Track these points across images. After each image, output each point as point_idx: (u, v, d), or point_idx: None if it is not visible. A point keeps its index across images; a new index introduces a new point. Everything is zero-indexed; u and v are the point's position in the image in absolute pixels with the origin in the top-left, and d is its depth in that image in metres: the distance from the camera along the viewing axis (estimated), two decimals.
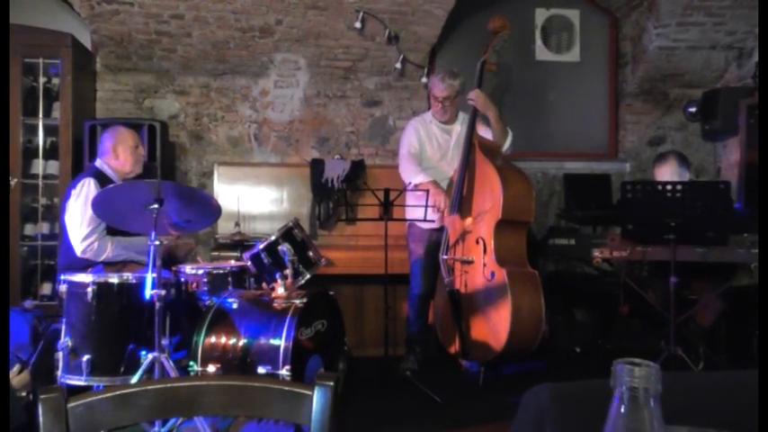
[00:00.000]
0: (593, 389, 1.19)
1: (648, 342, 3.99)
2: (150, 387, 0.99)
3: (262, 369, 2.69)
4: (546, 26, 5.32)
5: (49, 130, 4.45)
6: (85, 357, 2.69)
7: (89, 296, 2.72)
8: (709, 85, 5.19)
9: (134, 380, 2.61)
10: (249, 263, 3.15)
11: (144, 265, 3.14)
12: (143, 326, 2.70)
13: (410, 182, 3.76)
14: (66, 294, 2.80)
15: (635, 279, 3.74)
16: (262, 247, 3.09)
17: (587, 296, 4.59)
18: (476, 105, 3.73)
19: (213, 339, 2.82)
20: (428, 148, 3.95)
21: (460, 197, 3.67)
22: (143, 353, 2.67)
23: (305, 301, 2.86)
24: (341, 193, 4.51)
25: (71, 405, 0.93)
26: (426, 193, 3.52)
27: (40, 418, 0.92)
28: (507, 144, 3.86)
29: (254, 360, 2.74)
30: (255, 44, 4.73)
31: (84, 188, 3.21)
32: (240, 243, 3.84)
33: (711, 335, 3.80)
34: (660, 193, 3.40)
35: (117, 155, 3.39)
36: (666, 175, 3.72)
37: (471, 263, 3.60)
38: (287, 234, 3.13)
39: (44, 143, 4.44)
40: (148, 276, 2.63)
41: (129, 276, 2.82)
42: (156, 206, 2.61)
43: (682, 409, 0.92)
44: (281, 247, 3.07)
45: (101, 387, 2.61)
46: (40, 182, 4.43)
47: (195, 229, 3.91)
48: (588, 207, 4.89)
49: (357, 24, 4.50)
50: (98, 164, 3.41)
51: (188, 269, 3.18)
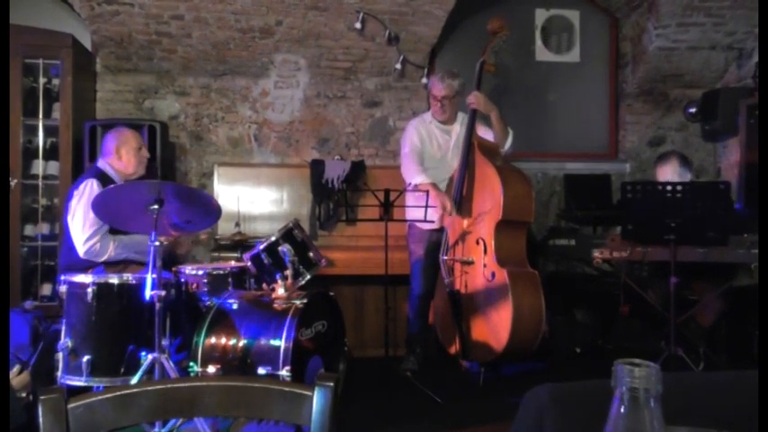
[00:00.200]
0: (593, 389, 1.19)
1: (649, 342, 3.99)
2: (150, 388, 0.99)
3: (262, 370, 2.69)
4: (546, 27, 5.32)
5: (50, 131, 4.45)
6: (85, 358, 2.69)
7: (89, 297, 2.72)
8: (708, 85, 5.19)
9: (134, 380, 2.61)
10: (249, 263, 3.15)
11: (144, 264, 3.14)
12: (143, 326, 2.70)
13: (410, 182, 3.76)
14: (67, 295, 2.80)
15: (635, 279, 3.74)
16: (262, 247, 3.10)
17: (587, 296, 4.59)
18: (477, 107, 3.73)
19: (213, 340, 2.82)
20: (428, 148, 3.95)
21: (460, 198, 3.67)
22: (143, 353, 2.66)
23: (305, 301, 2.86)
24: (341, 193, 4.52)
25: (71, 406, 0.93)
26: (426, 193, 3.52)
27: (40, 419, 0.92)
28: (508, 144, 3.86)
29: (254, 361, 2.74)
30: (255, 45, 4.73)
31: (87, 189, 3.20)
32: (240, 243, 3.84)
33: (712, 335, 3.80)
34: (660, 194, 3.40)
35: (120, 156, 3.38)
36: (668, 175, 3.72)
37: (471, 263, 3.60)
38: (287, 235, 3.13)
39: (44, 144, 4.44)
40: (148, 277, 2.63)
41: (129, 277, 2.82)
42: (157, 207, 2.61)
43: (682, 410, 0.92)
44: (281, 248, 3.07)
45: (101, 388, 2.61)
46: (40, 182, 4.43)
47: (195, 230, 3.91)
48: (588, 207, 4.89)
49: (357, 25, 4.50)
50: (100, 164, 3.41)
51: (188, 270, 3.18)
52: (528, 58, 5.31)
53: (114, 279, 2.80)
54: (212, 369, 2.75)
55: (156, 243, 2.60)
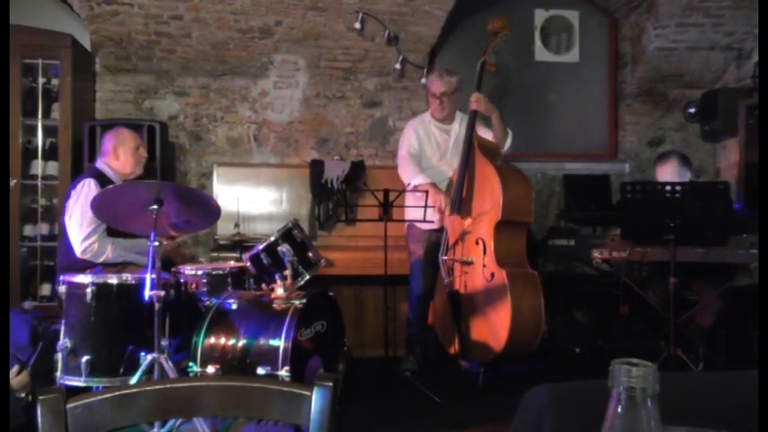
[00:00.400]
0: (592, 389, 1.19)
1: (648, 343, 3.99)
2: (149, 388, 0.99)
3: (261, 370, 2.69)
4: (545, 27, 5.32)
5: (49, 131, 4.45)
6: (85, 358, 2.68)
7: (88, 297, 2.72)
8: (708, 85, 5.19)
9: (133, 381, 2.60)
10: (249, 264, 3.15)
11: (143, 266, 3.14)
12: (142, 327, 2.69)
13: (409, 182, 3.76)
14: (66, 295, 2.80)
15: (635, 279, 3.74)
16: (261, 247, 3.09)
17: (587, 297, 4.59)
18: (479, 109, 3.73)
19: (212, 340, 2.82)
20: (427, 149, 3.96)
21: (460, 198, 3.67)
22: (142, 354, 2.66)
23: (304, 301, 2.86)
24: (340, 193, 4.51)
25: (70, 406, 0.93)
26: (426, 193, 3.52)
27: (39, 419, 0.92)
28: (507, 145, 3.86)
29: (253, 361, 2.74)
30: (255, 45, 4.73)
31: (85, 189, 3.21)
32: (240, 244, 3.84)
33: (711, 335, 3.80)
34: (659, 194, 3.40)
35: (118, 156, 3.38)
36: (668, 175, 3.72)
37: (471, 263, 3.60)
38: (286, 235, 3.12)
39: (43, 144, 4.44)
40: (147, 277, 2.62)
41: (129, 277, 2.82)
42: (156, 207, 2.61)
43: (680, 410, 0.92)
44: (280, 248, 3.07)
45: (100, 388, 2.61)
46: (39, 183, 4.42)
47: (195, 230, 3.91)
48: (588, 208, 4.90)
49: (357, 25, 4.50)
50: (98, 164, 3.41)
51: (187, 270, 3.17)
52: (527, 58, 5.31)
53: (113, 279, 2.80)
54: (211, 369, 2.75)
55: (156, 243, 2.60)
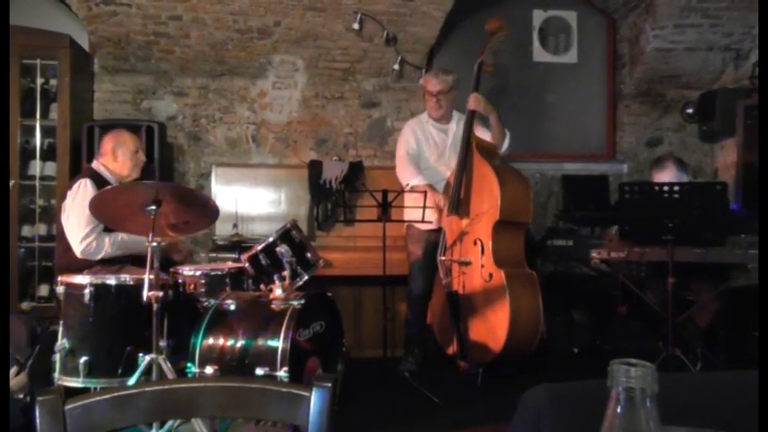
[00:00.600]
0: (591, 389, 1.19)
1: (647, 343, 3.99)
2: (148, 389, 0.99)
3: (260, 370, 2.69)
4: (543, 27, 5.32)
5: (47, 132, 4.45)
6: (83, 359, 2.68)
7: (86, 298, 2.72)
8: (706, 86, 5.20)
9: (131, 381, 2.60)
10: (247, 264, 3.15)
11: (143, 254, 3.14)
12: (140, 327, 2.69)
13: (408, 183, 3.76)
14: (64, 296, 2.80)
15: (633, 280, 3.74)
16: (260, 248, 3.09)
17: (585, 297, 4.59)
18: (477, 109, 3.73)
19: (211, 341, 2.82)
20: (425, 149, 3.96)
21: (458, 198, 3.67)
22: (141, 354, 2.66)
23: (303, 302, 2.86)
24: (339, 194, 4.51)
25: (69, 407, 0.93)
26: (424, 194, 3.52)
27: (38, 420, 0.91)
28: (505, 146, 3.87)
29: (252, 361, 2.73)
30: (253, 45, 4.73)
31: (81, 189, 3.20)
32: (238, 244, 3.83)
33: (709, 335, 3.80)
34: (658, 194, 3.41)
35: (116, 157, 3.38)
36: (664, 178, 3.73)
37: (469, 264, 3.61)
38: (285, 235, 3.12)
39: (41, 144, 4.43)
40: (146, 278, 2.62)
41: (127, 278, 2.82)
42: (154, 208, 2.61)
43: (679, 410, 0.92)
44: (279, 249, 3.07)
45: (98, 389, 2.60)
46: (37, 183, 4.42)
47: (193, 231, 3.90)
48: (586, 208, 4.90)
49: (355, 26, 4.50)
50: (95, 165, 3.40)
51: (186, 271, 3.17)
52: (525, 58, 5.31)
53: (112, 280, 2.80)
54: (210, 370, 2.75)
55: (154, 244, 2.60)
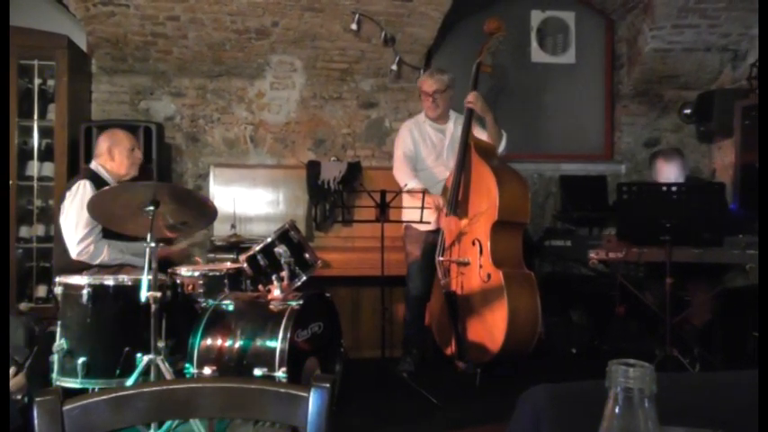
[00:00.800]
0: (589, 390, 1.19)
1: (644, 343, 4.00)
2: (146, 389, 0.99)
3: (258, 371, 2.68)
4: (541, 28, 5.33)
5: (45, 132, 4.44)
6: (81, 360, 2.67)
7: (84, 298, 2.71)
8: (703, 86, 5.21)
9: (130, 382, 2.60)
10: (245, 265, 3.15)
11: (139, 267, 3.14)
12: (139, 328, 2.69)
13: (406, 183, 3.77)
14: (62, 297, 2.79)
15: (631, 280, 3.74)
16: (258, 248, 3.09)
17: (584, 297, 4.60)
18: (474, 108, 3.74)
19: (209, 341, 2.82)
20: (423, 149, 3.96)
21: (456, 198, 3.67)
22: (139, 355, 2.66)
23: (301, 302, 2.86)
24: (337, 194, 4.51)
25: (67, 408, 0.93)
26: (422, 194, 3.53)
27: (36, 421, 0.91)
28: (502, 147, 3.87)
29: (250, 362, 2.73)
30: (251, 46, 4.73)
31: (80, 190, 3.20)
32: (236, 245, 3.83)
33: (707, 336, 3.81)
34: (655, 195, 3.41)
35: (112, 157, 3.38)
36: (671, 173, 3.73)
37: (467, 264, 3.61)
38: (283, 236, 3.12)
39: (39, 145, 4.43)
40: (144, 279, 2.62)
41: (125, 279, 2.81)
42: (152, 208, 2.60)
43: (678, 410, 0.92)
44: (277, 249, 3.07)
45: (96, 390, 2.60)
46: (35, 184, 4.41)
47: (191, 232, 3.90)
48: (584, 208, 4.91)
49: (353, 26, 4.50)
50: (93, 166, 3.40)
51: (184, 271, 3.17)
52: (523, 59, 5.31)
53: (110, 281, 2.79)
54: (208, 370, 2.75)
55: (152, 244, 2.60)
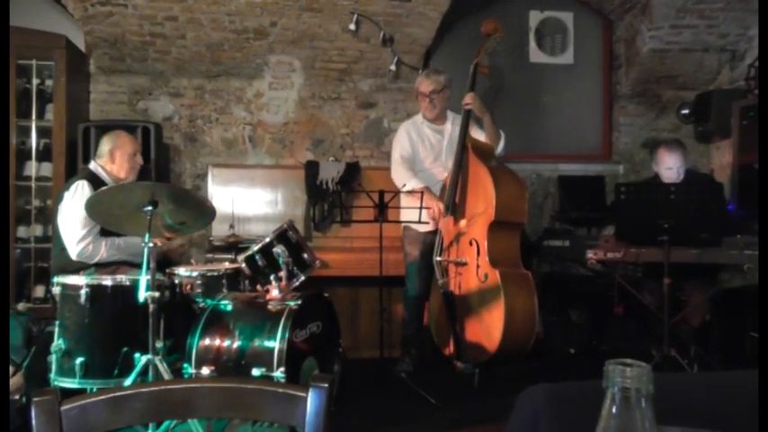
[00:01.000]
0: (587, 390, 1.19)
1: (643, 343, 4.00)
2: (144, 390, 0.99)
3: (256, 371, 2.69)
4: (540, 28, 5.33)
5: (43, 132, 4.44)
6: (79, 360, 2.67)
7: (82, 298, 2.71)
8: (702, 87, 5.21)
9: (128, 382, 2.60)
10: (243, 265, 3.15)
11: (137, 265, 3.14)
12: (137, 328, 2.69)
13: (404, 184, 3.77)
14: (60, 297, 2.79)
15: (629, 280, 3.75)
16: (256, 249, 3.09)
17: (582, 297, 4.60)
18: (472, 108, 3.74)
19: (207, 341, 2.82)
20: (421, 150, 3.96)
21: (454, 199, 3.67)
22: (137, 355, 2.66)
23: (299, 303, 2.86)
24: (335, 194, 4.51)
25: (64, 408, 0.93)
26: (421, 195, 3.53)
27: (34, 421, 0.91)
28: (500, 147, 3.87)
29: (248, 362, 2.73)
30: (250, 46, 4.73)
31: (78, 190, 3.20)
32: (234, 245, 3.83)
33: (704, 336, 3.82)
34: (653, 195, 3.42)
35: (114, 159, 3.38)
36: (673, 161, 3.73)
37: (465, 264, 3.61)
38: (281, 236, 3.12)
39: (37, 145, 4.42)
40: (142, 279, 2.62)
41: (123, 279, 2.81)
42: (151, 208, 2.60)
43: (675, 410, 0.93)
44: (275, 249, 3.07)
45: (94, 390, 2.60)
46: (33, 184, 4.41)
47: (189, 232, 3.90)
48: (582, 209, 4.91)
49: (352, 26, 4.50)
50: (92, 166, 3.40)
51: (182, 271, 3.17)
52: (522, 59, 5.31)
53: (108, 281, 2.79)
54: (206, 371, 2.75)
55: (150, 245, 2.60)
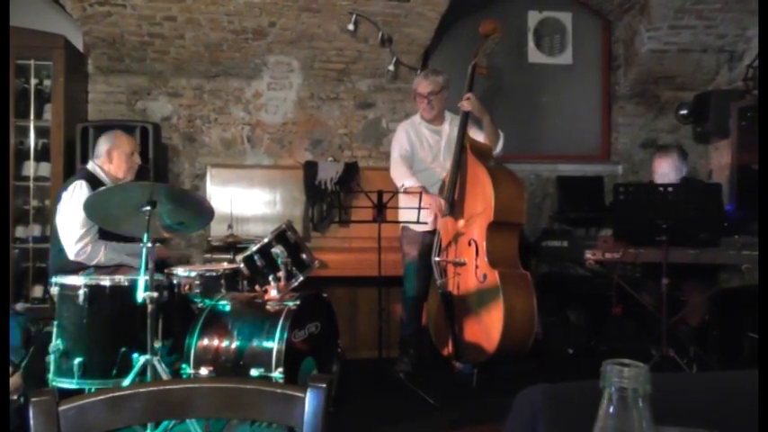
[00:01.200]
0: (585, 390, 1.19)
1: (641, 343, 4.00)
2: (143, 390, 0.99)
3: (255, 371, 2.68)
4: (538, 29, 5.33)
5: (41, 132, 4.43)
6: (77, 360, 2.67)
7: (81, 299, 2.71)
8: (700, 87, 5.21)
9: (126, 383, 2.59)
10: (242, 265, 3.14)
11: (136, 268, 3.13)
12: (135, 328, 2.69)
13: (403, 184, 3.77)
14: (58, 297, 2.79)
15: (628, 281, 3.75)
16: (255, 249, 3.09)
17: (580, 298, 4.60)
18: (471, 110, 3.74)
19: (206, 342, 2.82)
20: (419, 150, 3.96)
21: (452, 199, 3.67)
22: (135, 355, 2.66)
23: (298, 303, 2.86)
24: (334, 195, 4.51)
25: (63, 408, 0.93)
26: (420, 195, 3.53)
27: (32, 422, 0.91)
28: (499, 148, 3.87)
29: (247, 362, 2.73)
30: (248, 46, 4.73)
31: (76, 190, 3.20)
32: (233, 245, 3.83)
33: (703, 336, 3.82)
34: (652, 195, 3.42)
35: (111, 159, 3.37)
36: (665, 168, 3.74)
37: (464, 265, 3.61)
38: (280, 236, 3.12)
39: (36, 145, 4.42)
40: (140, 279, 2.62)
41: (122, 279, 2.81)
42: (149, 208, 2.60)
43: (672, 410, 0.93)
44: (274, 250, 3.07)
45: (93, 390, 2.60)
46: (31, 184, 4.40)
47: (188, 232, 3.90)
48: (581, 209, 4.91)
49: (350, 27, 4.51)
50: (90, 166, 3.40)
51: (180, 271, 3.17)
52: (520, 60, 5.32)
53: (106, 281, 2.79)
54: (205, 371, 2.74)
55: (149, 245, 2.60)
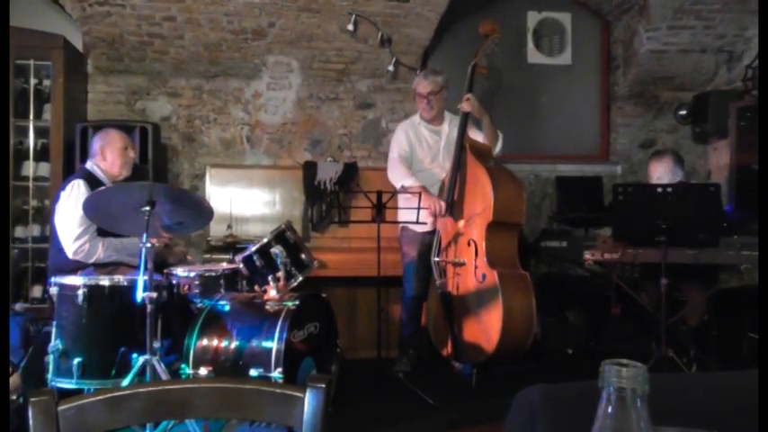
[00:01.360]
0: (584, 390, 1.20)
1: (640, 344, 4.01)
2: (142, 390, 0.99)
3: (254, 371, 2.68)
4: (538, 29, 5.34)
5: (40, 132, 4.43)
6: (76, 360, 2.67)
7: (80, 299, 2.71)
8: (699, 88, 5.22)
9: (125, 383, 2.59)
10: (241, 265, 3.15)
11: (135, 266, 3.13)
12: (134, 328, 2.68)
13: (399, 185, 3.77)
14: (57, 297, 2.79)
15: (627, 281, 3.75)
16: (254, 249, 3.09)
17: (579, 298, 4.60)
18: (471, 110, 3.74)
19: (205, 342, 2.81)
20: (418, 151, 3.96)
21: (452, 200, 3.68)
22: (134, 355, 2.65)
23: (297, 303, 2.86)
24: (333, 195, 4.51)
25: (62, 408, 0.93)
26: (419, 195, 3.53)
27: (31, 422, 0.91)
28: (498, 148, 3.88)
29: (246, 362, 2.73)
30: (248, 46, 4.73)
31: (74, 190, 3.19)
32: (232, 245, 3.83)
33: (702, 336, 3.82)
34: (651, 195, 3.42)
35: (105, 156, 3.37)
36: (660, 172, 3.75)
37: (463, 265, 3.61)
38: (279, 236, 3.12)
39: (35, 145, 4.41)
40: (140, 279, 2.61)
41: (121, 279, 2.81)
42: (148, 208, 2.60)
43: (671, 410, 0.93)
44: (273, 250, 3.07)
45: (92, 390, 2.60)
46: (30, 184, 4.40)
47: (187, 232, 3.90)
48: (580, 209, 4.92)
49: (350, 27, 4.51)
50: (88, 166, 3.40)
51: (180, 272, 3.17)
52: (520, 60, 5.32)
53: (105, 281, 2.79)
54: (204, 371, 2.74)
55: (148, 245, 2.60)
